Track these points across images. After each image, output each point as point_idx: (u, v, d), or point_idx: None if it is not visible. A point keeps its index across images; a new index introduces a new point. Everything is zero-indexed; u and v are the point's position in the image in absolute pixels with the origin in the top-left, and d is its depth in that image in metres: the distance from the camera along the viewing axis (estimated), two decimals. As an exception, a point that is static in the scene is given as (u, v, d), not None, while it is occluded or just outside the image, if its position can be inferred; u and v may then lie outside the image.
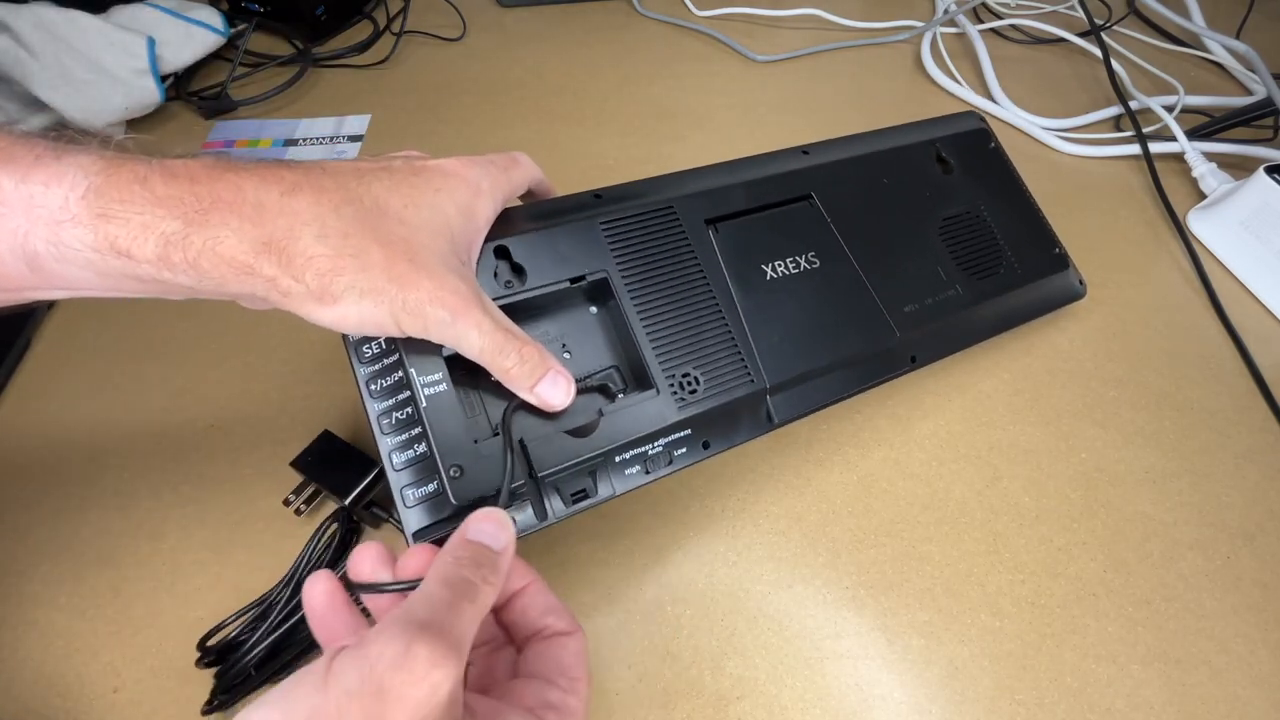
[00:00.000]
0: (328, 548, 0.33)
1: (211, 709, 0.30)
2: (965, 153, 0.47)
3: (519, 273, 0.31)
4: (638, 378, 0.33)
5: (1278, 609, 0.36)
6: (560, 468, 0.30)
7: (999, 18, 0.80)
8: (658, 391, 0.32)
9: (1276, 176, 0.52)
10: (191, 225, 0.22)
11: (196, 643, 0.31)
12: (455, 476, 0.27)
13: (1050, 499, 0.40)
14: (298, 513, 0.36)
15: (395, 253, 0.25)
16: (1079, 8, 0.71)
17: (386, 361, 0.29)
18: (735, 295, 0.35)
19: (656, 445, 0.32)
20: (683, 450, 0.33)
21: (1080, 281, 0.48)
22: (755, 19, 0.79)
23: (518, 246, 0.31)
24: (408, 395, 0.28)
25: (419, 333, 0.26)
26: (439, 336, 0.26)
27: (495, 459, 0.28)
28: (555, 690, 0.24)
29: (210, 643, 0.31)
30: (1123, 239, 0.56)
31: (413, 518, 0.28)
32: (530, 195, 0.34)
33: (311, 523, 0.36)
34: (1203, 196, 0.58)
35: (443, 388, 0.28)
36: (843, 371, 0.37)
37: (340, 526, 0.34)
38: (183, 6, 0.62)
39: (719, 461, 0.40)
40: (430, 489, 0.28)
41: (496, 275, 0.31)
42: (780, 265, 0.37)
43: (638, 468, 0.32)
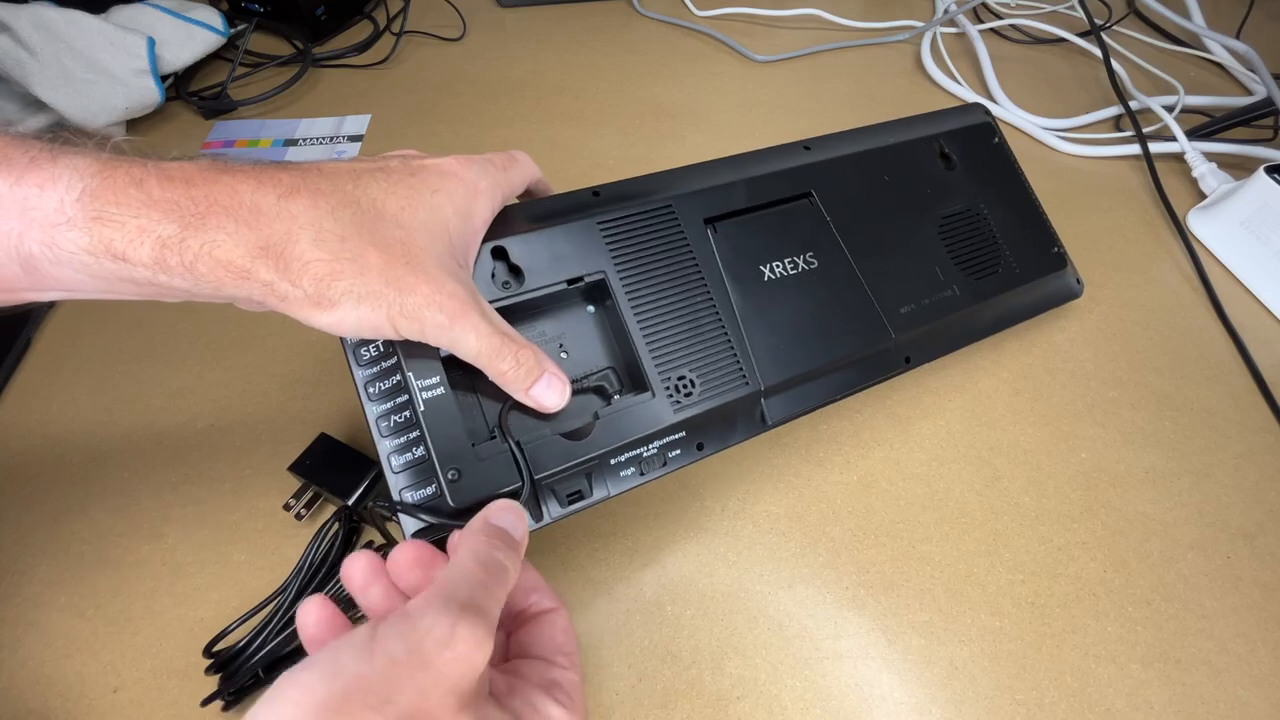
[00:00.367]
0: (330, 549, 0.33)
1: (226, 706, 0.31)
2: (969, 148, 0.46)
3: (516, 274, 0.31)
4: (634, 380, 0.33)
5: (1278, 609, 0.36)
6: (556, 470, 0.30)
7: (999, 18, 0.80)
8: (653, 394, 0.32)
9: (1276, 176, 0.52)
10: (188, 229, 0.22)
11: (203, 649, 0.31)
12: (453, 480, 0.27)
13: (1050, 499, 0.40)
14: (298, 517, 0.36)
15: (392, 256, 0.25)
16: (1079, 8, 0.71)
17: (385, 365, 0.29)
18: (732, 297, 0.35)
19: (651, 447, 0.32)
20: (677, 452, 0.33)
21: (1078, 280, 0.48)
22: (755, 19, 0.79)
23: (515, 247, 0.31)
24: (406, 399, 0.28)
25: (416, 336, 0.26)
26: (436, 340, 0.26)
27: (493, 462, 0.28)
28: (556, 669, 0.25)
29: (217, 648, 0.31)
30: (1123, 239, 0.56)
31: (411, 520, 0.28)
32: (529, 194, 0.34)
33: (312, 525, 0.36)
34: (1203, 196, 0.58)
35: (440, 391, 0.28)
36: (837, 373, 0.37)
37: (342, 526, 0.34)
38: (183, 6, 0.62)
39: (719, 462, 0.40)
40: (429, 492, 0.28)
41: (494, 276, 0.31)
42: (778, 266, 0.37)
43: (632, 470, 0.32)
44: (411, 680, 0.19)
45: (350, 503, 0.34)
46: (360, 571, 0.25)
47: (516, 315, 0.31)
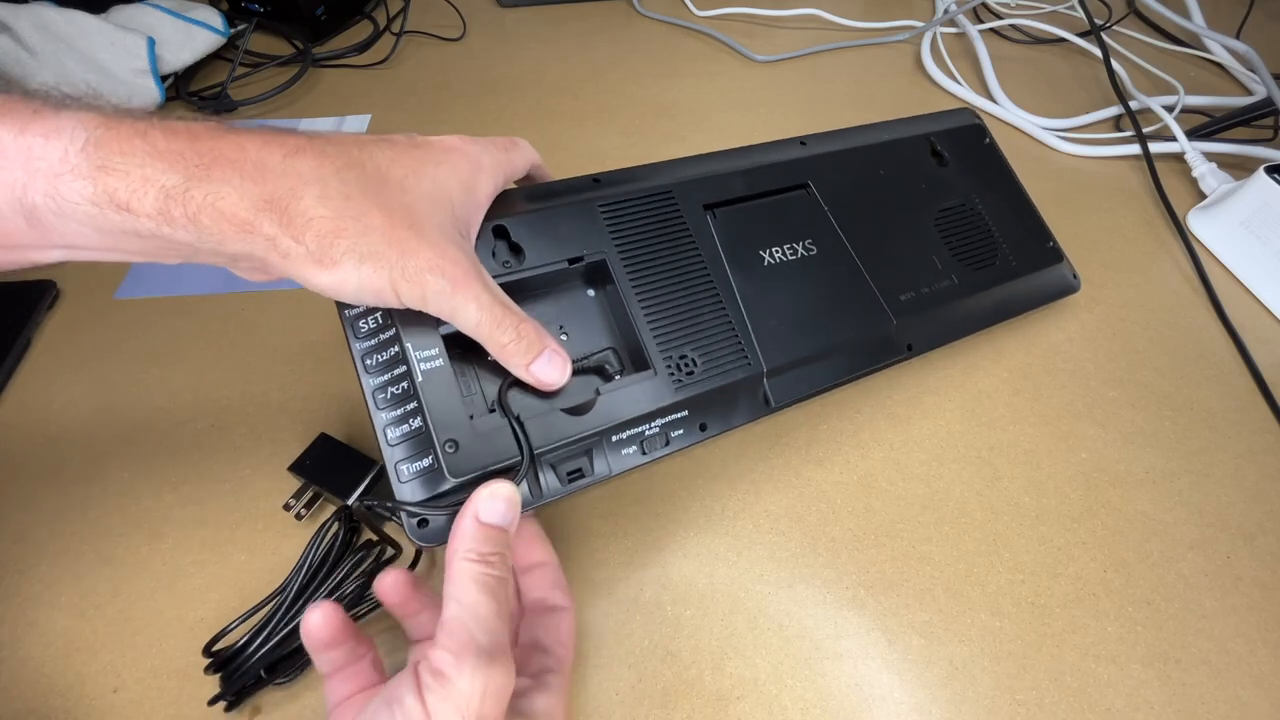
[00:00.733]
0: (330, 548, 0.33)
1: (227, 707, 0.31)
2: (960, 147, 0.47)
3: (517, 252, 0.31)
4: (635, 359, 0.33)
5: (1278, 609, 0.36)
6: (556, 445, 0.29)
7: (999, 18, 0.80)
8: (655, 372, 0.32)
9: (1276, 176, 0.52)
10: (192, 180, 0.22)
11: (202, 648, 0.31)
12: (451, 452, 0.27)
13: (1050, 499, 0.40)
14: (298, 517, 0.36)
15: (396, 219, 0.25)
16: (1079, 8, 0.71)
17: (383, 336, 0.28)
18: (733, 280, 0.35)
19: (653, 426, 0.32)
20: (680, 432, 0.33)
21: (1074, 275, 0.49)
22: (755, 19, 0.79)
23: (516, 226, 0.31)
24: (403, 370, 0.28)
25: (416, 302, 0.25)
26: (436, 308, 0.26)
27: (491, 435, 0.28)
28: (552, 658, 0.29)
29: (216, 648, 0.31)
30: (1123, 239, 0.56)
31: (407, 492, 0.28)
32: (529, 179, 0.34)
33: (312, 525, 0.36)
34: (1203, 196, 0.58)
35: (439, 363, 0.28)
36: (839, 357, 0.37)
37: (342, 526, 0.34)
38: (183, 6, 0.62)
39: (719, 461, 0.40)
40: (425, 464, 0.28)
41: (495, 254, 0.31)
42: (778, 252, 0.37)
43: (634, 448, 0.31)
44: None
45: (350, 502, 0.34)
46: (397, 588, 0.28)
47: (517, 294, 0.30)
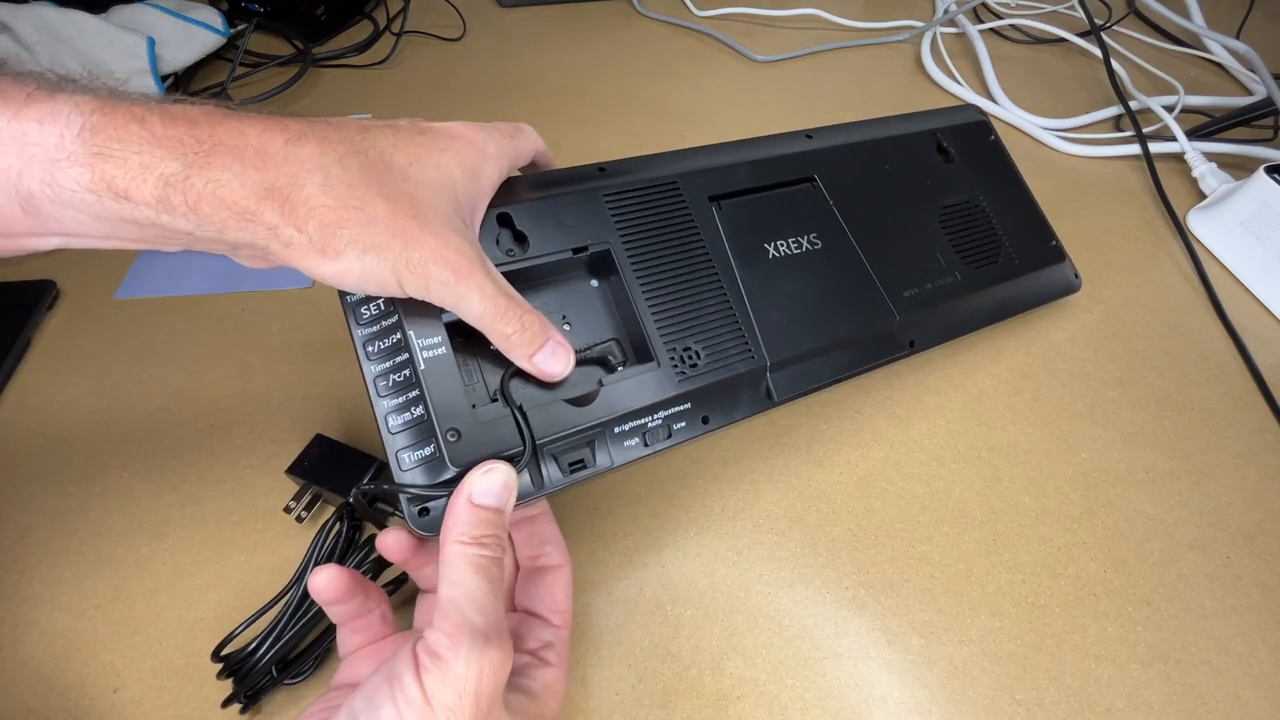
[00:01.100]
0: (334, 547, 0.33)
1: (243, 709, 0.30)
2: (965, 143, 0.47)
3: (521, 241, 0.31)
4: (638, 350, 0.32)
5: (1278, 609, 0.36)
6: (558, 435, 0.29)
7: (999, 18, 0.80)
8: (658, 364, 0.32)
9: (1276, 176, 0.52)
10: (192, 167, 0.21)
11: (211, 653, 0.31)
12: (453, 440, 0.27)
13: (1050, 499, 0.40)
14: (299, 519, 0.36)
15: (399, 209, 0.24)
16: (1079, 8, 0.71)
17: (385, 323, 0.28)
18: (737, 272, 0.35)
19: (656, 418, 0.32)
20: (682, 424, 0.32)
21: (1076, 274, 0.49)
22: (755, 19, 0.79)
23: (520, 214, 0.31)
24: (405, 357, 0.28)
25: (420, 293, 0.25)
26: (440, 298, 0.25)
27: (493, 425, 0.28)
28: (550, 628, 0.29)
29: (225, 652, 0.31)
30: (1122, 239, 0.56)
31: (407, 480, 0.27)
32: (533, 166, 0.34)
33: (313, 526, 0.36)
34: (1203, 196, 0.58)
35: (442, 351, 0.28)
36: (843, 352, 0.37)
37: (344, 524, 0.34)
38: (183, 6, 0.62)
39: (719, 461, 0.40)
40: (427, 452, 0.27)
41: (499, 242, 0.31)
42: (783, 245, 0.37)
43: (636, 440, 0.31)
44: (468, 714, 0.22)
45: (352, 492, 0.34)
46: (398, 546, 0.29)
47: (520, 283, 0.30)
